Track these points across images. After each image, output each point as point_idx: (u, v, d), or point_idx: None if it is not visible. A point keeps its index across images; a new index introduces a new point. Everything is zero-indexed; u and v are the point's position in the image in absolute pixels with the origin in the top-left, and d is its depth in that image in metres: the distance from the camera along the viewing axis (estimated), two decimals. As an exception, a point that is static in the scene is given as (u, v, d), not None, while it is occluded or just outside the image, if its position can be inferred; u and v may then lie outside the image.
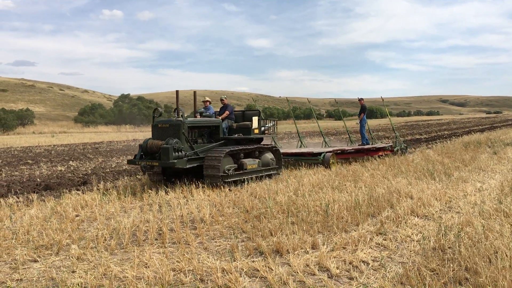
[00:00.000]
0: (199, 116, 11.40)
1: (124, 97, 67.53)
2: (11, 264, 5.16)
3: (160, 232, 6.39)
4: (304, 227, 6.30)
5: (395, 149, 16.43)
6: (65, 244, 5.85)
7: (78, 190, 10.13)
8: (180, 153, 9.41)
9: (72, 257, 5.31)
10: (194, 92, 11.71)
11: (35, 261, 5.26)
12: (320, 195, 8.43)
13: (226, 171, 9.94)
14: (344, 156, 14.42)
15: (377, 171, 11.77)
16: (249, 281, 4.51)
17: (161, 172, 10.54)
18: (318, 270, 4.77)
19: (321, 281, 4.48)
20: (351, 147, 15.33)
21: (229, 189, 9.60)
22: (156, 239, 6.09)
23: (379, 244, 5.65)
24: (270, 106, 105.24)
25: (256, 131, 11.67)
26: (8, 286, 4.47)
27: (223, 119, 11.60)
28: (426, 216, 7.11)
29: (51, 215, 7.39)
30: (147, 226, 6.67)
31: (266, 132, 12.25)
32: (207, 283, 4.47)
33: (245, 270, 4.78)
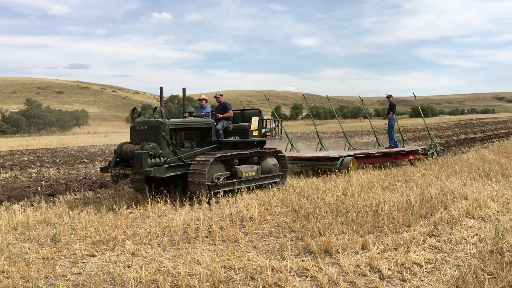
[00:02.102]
0: (189, 117, 9.89)
1: (173, 98, 69.04)
2: (71, 258, 5.42)
3: (210, 230, 6.50)
4: (354, 228, 6.22)
5: (429, 153, 14.54)
6: (120, 240, 6.07)
7: (131, 188, 10.47)
8: (158, 159, 8.17)
9: (127, 253, 5.50)
10: (183, 89, 10.46)
11: (93, 255, 5.49)
12: (370, 195, 8.29)
13: (215, 180, 8.70)
14: (368, 161, 13.16)
15: (429, 171, 11.43)
16: (299, 280, 4.51)
17: (145, 180, 9.37)
18: (369, 271, 4.70)
19: (373, 282, 4.42)
20: (375, 151, 13.84)
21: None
22: (206, 237, 6.21)
23: (432, 246, 5.50)
24: (316, 105, 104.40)
25: (256, 133, 10.12)
26: (68, 279, 4.69)
27: (225, 119, 10.24)
28: (482, 218, 6.84)
29: (106, 212, 7.68)
30: (197, 224, 6.81)
31: (268, 134, 10.67)
32: (257, 281, 4.51)
33: (294, 269, 4.78)
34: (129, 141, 8.84)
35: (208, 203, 8.28)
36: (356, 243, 5.56)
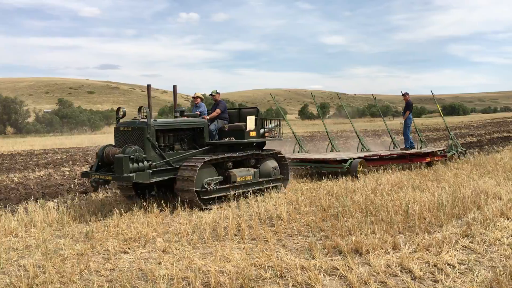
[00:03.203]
0: (180, 116, 9.11)
1: (200, 97, 69.76)
2: (104, 254, 5.55)
3: (239, 228, 6.55)
4: (384, 227, 6.16)
5: (449, 154, 13.65)
6: (151, 237, 6.18)
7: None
8: (141, 164, 7.50)
9: (158, 250, 5.60)
10: (174, 87, 9.70)
11: (125, 252, 5.61)
12: (400, 194, 8.19)
13: (206, 185, 8.05)
14: (380, 163, 12.31)
15: (461, 170, 11.20)
16: (329, 279, 4.50)
17: (132, 186, 8.64)
18: (400, 271, 4.65)
19: (404, 282, 4.37)
20: (389, 152, 12.94)
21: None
22: (236, 235, 6.25)
23: (465, 247, 5.39)
24: (344, 104, 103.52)
25: (253, 133, 9.34)
26: (102, 275, 4.81)
27: (212, 119, 9.42)
28: (517, 218, 6.66)
29: (137, 209, 7.82)
30: (226, 222, 6.86)
31: (267, 134, 9.78)
32: (287, 279, 4.52)
33: (324, 268, 4.77)
34: (113, 143, 8.20)
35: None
36: (387, 242, 5.50)
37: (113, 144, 8.16)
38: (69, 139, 36.80)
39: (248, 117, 9.37)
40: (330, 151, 14.11)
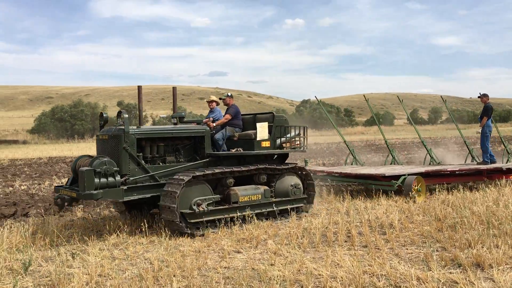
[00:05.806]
0: (178, 123, 7.94)
1: (305, 102, 69.98)
2: (219, 253, 5.84)
3: (349, 234, 6.49)
4: (509, 241, 5.69)
5: None
6: (262, 239, 6.37)
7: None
8: (111, 178, 6.38)
9: (270, 251, 5.76)
10: (174, 88, 8.46)
11: (239, 252, 5.86)
12: (527, 207, 7.50)
13: (194, 206, 6.77)
14: (448, 180, 10.41)
15: None
16: (448, 293, 4.29)
17: (123, 202, 7.21)
18: (529, 290, 4.28)
19: (535, 302, 4.02)
20: (458, 167, 10.71)
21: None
22: (346, 241, 6.21)
23: None
24: (458, 108, 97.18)
25: (266, 143, 7.90)
26: (218, 272, 5.07)
27: (218, 126, 8.03)
28: None
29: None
30: (335, 228, 6.84)
31: (285, 145, 8.21)
32: (401, 289, 4.39)
33: (442, 281, 4.55)
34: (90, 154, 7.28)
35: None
36: (513, 258, 5.10)
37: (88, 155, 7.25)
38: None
39: (258, 124, 7.89)
40: (391, 164, 12.34)
